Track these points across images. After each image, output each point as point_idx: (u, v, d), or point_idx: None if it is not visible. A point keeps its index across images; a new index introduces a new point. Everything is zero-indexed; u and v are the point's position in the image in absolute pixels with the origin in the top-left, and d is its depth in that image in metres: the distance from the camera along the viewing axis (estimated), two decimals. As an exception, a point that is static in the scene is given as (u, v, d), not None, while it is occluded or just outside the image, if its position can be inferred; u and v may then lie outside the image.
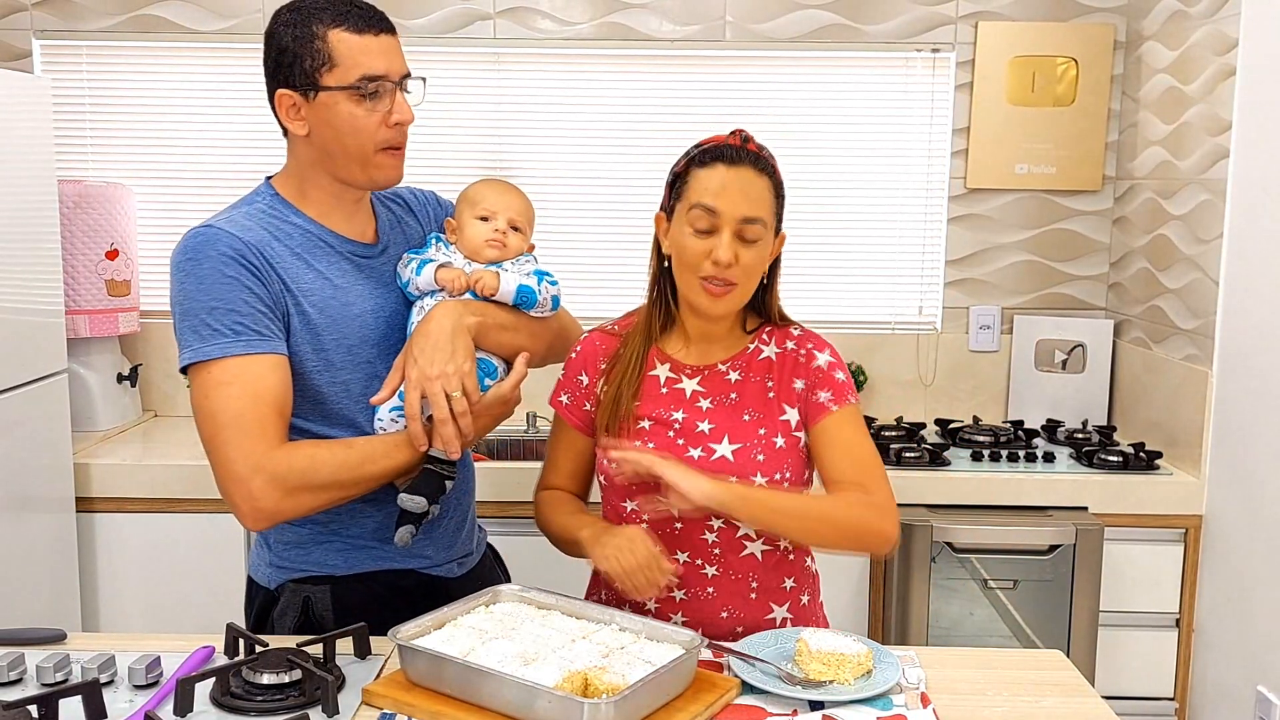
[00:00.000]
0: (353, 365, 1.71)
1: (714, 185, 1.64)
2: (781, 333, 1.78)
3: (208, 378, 1.59)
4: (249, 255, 1.62)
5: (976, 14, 3.26)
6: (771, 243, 1.71)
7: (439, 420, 1.63)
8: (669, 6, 3.25)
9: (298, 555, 1.77)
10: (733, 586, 1.71)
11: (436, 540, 1.82)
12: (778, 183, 1.70)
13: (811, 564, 1.81)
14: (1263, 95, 2.57)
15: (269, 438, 1.58)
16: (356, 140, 1.65)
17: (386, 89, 1.65)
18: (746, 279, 1.67)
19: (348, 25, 1.63)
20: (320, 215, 1.72)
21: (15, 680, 1.51)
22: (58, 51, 3.28)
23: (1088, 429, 3.20)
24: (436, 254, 1.78)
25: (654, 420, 1.73)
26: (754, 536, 1.71)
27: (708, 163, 1.67)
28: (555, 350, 1.87)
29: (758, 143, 1.70)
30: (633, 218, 3.34)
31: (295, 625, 1.76)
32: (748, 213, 1.64)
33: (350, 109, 1.64)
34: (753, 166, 1.66)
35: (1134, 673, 2.85)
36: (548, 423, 3.30)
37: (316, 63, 1.62)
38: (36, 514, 2.67)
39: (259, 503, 1.58)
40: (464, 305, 1.70)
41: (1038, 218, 3.34)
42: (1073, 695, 1.56)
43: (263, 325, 1.61)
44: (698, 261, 1.64)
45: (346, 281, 1.72)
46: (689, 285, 1.68)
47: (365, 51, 1.63)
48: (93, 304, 3.05)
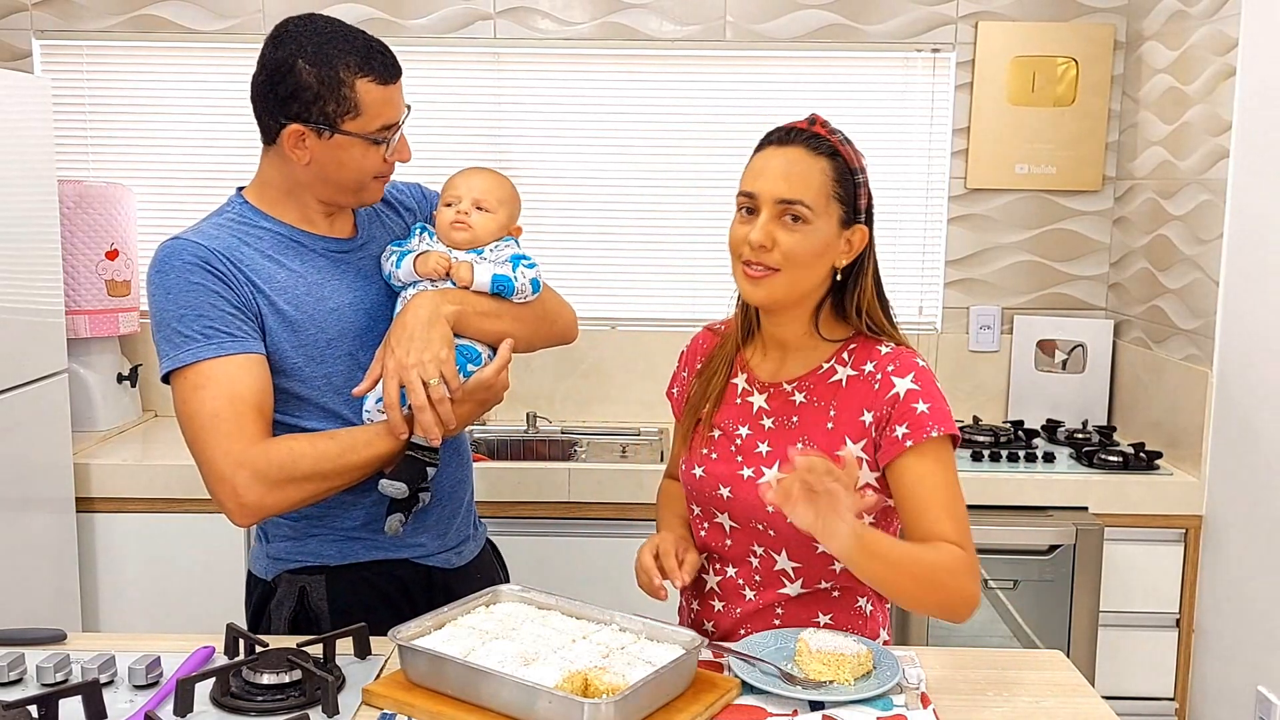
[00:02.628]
0: (334, 358, 1.73)
1: (756, 166, 1.58)
2: (868, 349, 1.62)
3: (184, 383, 1.62)
4: (213, 261, 1.65)
5: (976, 14, 3.26)
6: (833, 231, 1.57)
7: (417, 407, 1.65)
8: (669, 6, 3.25)
9: (292, 547, 1.79)
10: (760, 613, 1.67)
11: (430, 529, 1.83)
12: (843, 166, 1.57)
13: (864, 604, 1.68)
14: (1263, 95, 2.57)
15: (248, 435, 1.61)
16: (357, 175, 1.70)
17: (393, 130, 1.69)
18: (790, 266, 1.55)
19: (374, 76, 1.64)
20: (294, 220, 1.75)
21: (15, 680, 1.51)
22: (58, 51, 3.28)
23: (1088, 429, 3.20)
24: (419, 244, 1.80)
25: (723, 431, 1.69)
26: (793, 578, 1.63)
27: (761, 147, 1.60)
28: (542, 335, 1.88)
29: (831, 127, 1.59)
30: (633, 217, 3.34)
31: (291, 615, 1.77)
32: (785, 194, 1.53)
33: (362, 150, 1.67)
34: (805, 147, 1.55)
35: (1134, 673, 2.85)
36: (548, 423, 3.32)
37: (341, 109, 1.64)
38: (36, 514, 2.67)
39: (243, 499, 1.61)
40: (442, 294, 1.72)
41: (1038, 218, 3.34)
42: (1073, 695, 1.56)
43: (233, 326, 1.63)
44: (738, 246, 1.57)
45: (322, 277, 1.74)
46: (735, 272, 1.60)
47: (388, 103, 1.67)
48: (93, 304, 3.05)
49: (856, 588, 1.66)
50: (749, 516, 1.62)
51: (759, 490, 1.51)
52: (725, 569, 1.69)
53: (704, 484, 1.67)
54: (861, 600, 1.68)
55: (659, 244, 3.35)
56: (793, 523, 1.42)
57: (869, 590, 1.66)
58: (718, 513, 1.66)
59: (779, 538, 1.61)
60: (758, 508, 1.58)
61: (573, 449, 3.22)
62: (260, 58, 1.67)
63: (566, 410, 3.37)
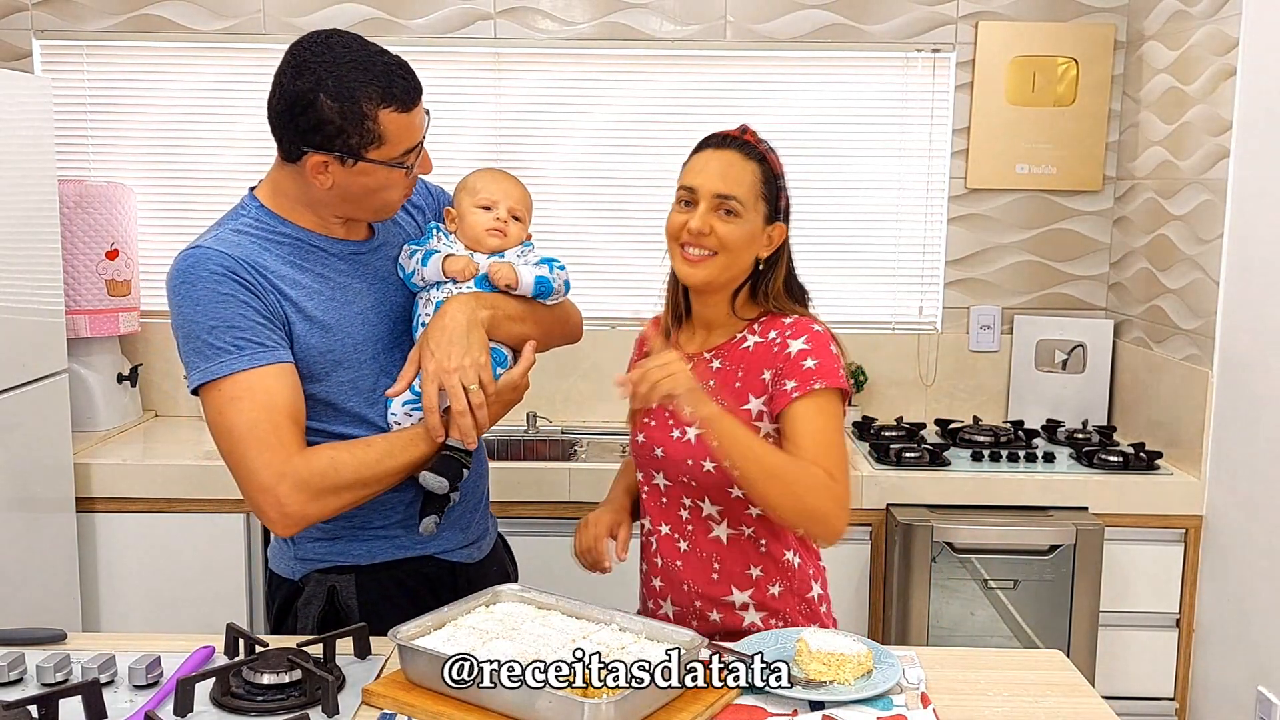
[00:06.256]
0: (360, 362, 1.73)
1: (696, 165, 1.77)
2: (775, 322, 1.79)
3: (219, 395, 1.61)
4: (240, 270, 1.63)
5: (977, 14, 3.26)
6: (758, 226, 1.76)
7: (458, 412, 1.66)
8: (669, 6, 3.25)
9: (322, 548, 1.79)
10: (698, 564, 1.80)
11: (454, 524, 1.85)
12: (769, 171, 1.77)
13: (792, 557, 1.80)
14: (1263, 95, 2.57)
15: (287, 445, 1.60)
16: (384, 198, 1.69)
17: None
18: (725, 251, 1.73)
19: (396, 105, 1.62)
20: (311, 226, 1.74)
21: (15, 680, 1.51)
22: (58, 51, 3.28)
23: (1088, 429, 3.20)
24: (439, 244, 1.79)
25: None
26: (718, 519, 1.77)
27: (699, 149, 1.79)
28: (556, 336, 1.93)
29: (758, 136, 1.78)
30: (633, 217, 3.34)
31: (320, 614, 1.78)
32: (722, 189, 1.72)
33: (386, 174, 1.66)
34: (739, 151, 1.75)
35: (1134, 673, 2.85)
36: (548, 422, 3.32)
37: (365, 141, 1.62)
38: (36, 514, 2.67)
39: (287, 509, 1.61)
40: (477, 299, 1.73)
41: (1038, 218, 3.34)
42: (1073, 695, 1.56)
43: (264, 336, 1.62)
44: (677, 232, 1.76)
45: (344, 280, 1.73)
46: (673, 256, 1.79)
47: (410, 128, 1.65)
48: (93, 304, 3.06)
49: (781, 541, 1.80)
50: (677, 472, 1.79)
51: (672, 446, 1.76)
52: (660, 526, 1.84)
53: (644, 448, 1.84)
54: (789, 554, 1.80)
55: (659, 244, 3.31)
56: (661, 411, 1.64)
57: (793, 544, 1.81)
58: (655, 473, 1.83)
59: (700, 487, 1.77)
60: (682, 463, 1.77)
61: (573, 449, 3.22)
62: (278, 83, 1.62)
63: (567, 410, 3.37)
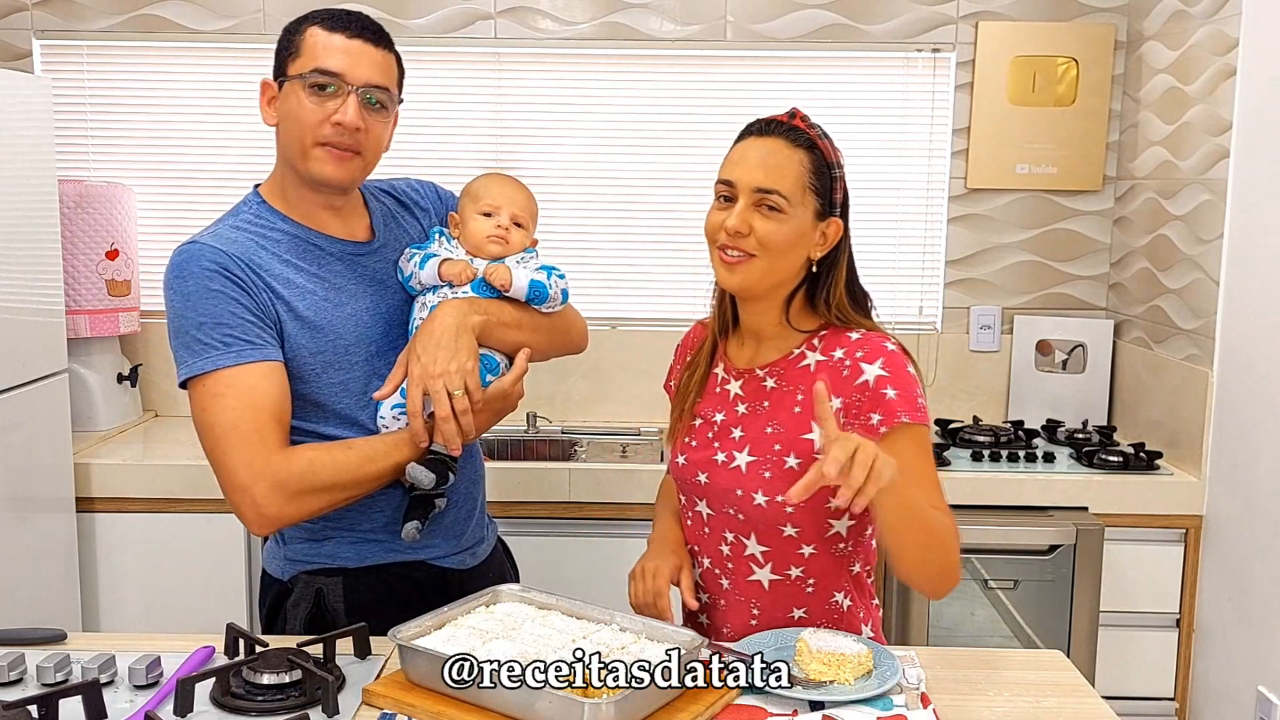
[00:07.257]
0: (351, 364, 1.72)
1: (735, 156, 1.60)
2: (838, 336, 1.61)
3: (203, 391, 1.62)
4: (232, 267, 1.63)
5: (977, 14, 3.26)
6: (807, 222, 1.58)
7: (441, 418, 1.64)
8: (669, 6, 3.25)
9: (310, 549, 1.79)
10: (738, 606, 1.69)
11: (445, 530, 1.83)
12: (821, 160, 1.59)
13: (842, 599, 1.68)
14: (1263, 95, 2.57)
15: (268, 444, 1.60)
16: (299, 130, 1.66)
17: (341, 89, 1.65)
18: (766, 253, 1.56)
19: (323, 23, 1.67)
20: (305, 217, 1.73)
21: (15, 680, 1.51)
22: (58, 51, 3.28)
23: (1088, 429, 3.20)
24: (439, 248, 1.78)
25: (703, 419, 1.71)
26: (761, 563, 1.65)
27: (741, 137, 1.62)
28: (557, 346, 1.88)
29: (810, 121, 1.61)
30: (633, 217, 3.34)
31: (307, 616, 1.77)
32: (762, 183, 1.55)
33: (300, 98, 1.66)
34: (784, 139, 1.58)
35: (1134, 673, 2.85)
36: (548, 423, 3.32)
37: (287, 53, 1.67)
38: (36, 514, 2.67)
39: (263, 509, 1.60)
40: (469, 303, 1.71)
41: (1038, 218, 3.34)
42: (1073, 695, 1.56)
43: (252, 334, 1.62)
44: (715, 233, 1.60)
45: (340, 281, 1.73)
46: (713, 259, 1.62)
47: (328, 48, 1.65)
48: (93, 304, 3.05)
49: (831, 582, 1.66)
50: (723, 502, 1.65)
51: (717, 470, 1.61)
52: (703, 559, 1.72)
53: (686, 471, 1.70)
54: (839, 595, 1.68)
55: (659, 244, 3.35)
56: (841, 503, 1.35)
57: (846, 584, 1.68)
58: (697, 500, 1.69)
59: (747, 521, 1.63)
60: (729, 492, 1.62)
61: (573, 449, 3.22)
62: None
63: (567, 410, 3.37)
